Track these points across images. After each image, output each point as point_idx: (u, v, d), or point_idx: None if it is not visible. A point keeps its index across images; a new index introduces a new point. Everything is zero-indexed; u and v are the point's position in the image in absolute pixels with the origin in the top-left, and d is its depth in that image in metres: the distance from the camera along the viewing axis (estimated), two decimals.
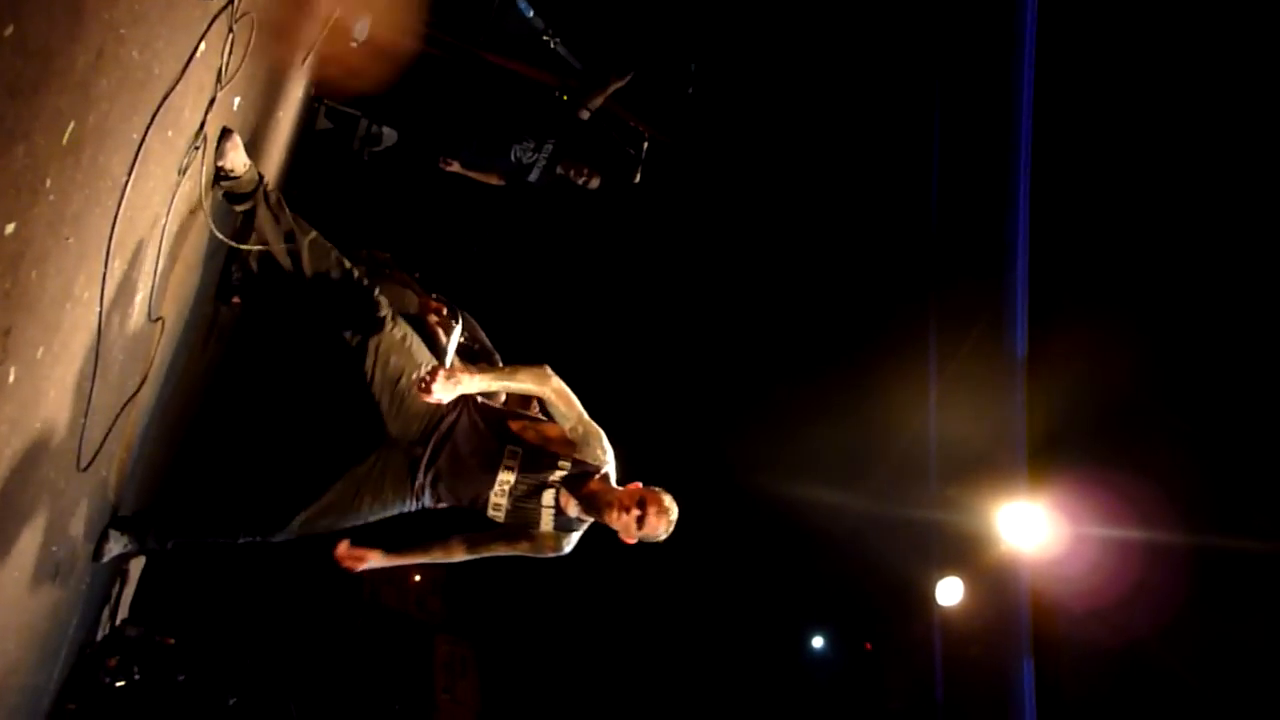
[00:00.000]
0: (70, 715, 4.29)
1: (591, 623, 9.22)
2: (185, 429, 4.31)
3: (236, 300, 4.34)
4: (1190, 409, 5.76)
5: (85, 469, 2.73)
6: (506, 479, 3.20)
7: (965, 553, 7.32)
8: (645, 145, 6.08)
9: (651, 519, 3.15)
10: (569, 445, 3.27)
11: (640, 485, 3.25)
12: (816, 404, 8.17)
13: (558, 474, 3.23)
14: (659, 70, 6.35)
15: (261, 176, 3.25)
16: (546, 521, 3.24)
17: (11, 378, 1.85)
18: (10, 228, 1.56)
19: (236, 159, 3.08)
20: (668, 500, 3.21)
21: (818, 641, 9.52)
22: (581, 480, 3.23)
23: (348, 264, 3.25)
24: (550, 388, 3.21)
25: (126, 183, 2.14)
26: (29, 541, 2.50)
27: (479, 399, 3.36)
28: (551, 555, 3.34)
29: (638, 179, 6.02)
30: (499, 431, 3.28)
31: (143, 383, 3.18)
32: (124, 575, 4.67)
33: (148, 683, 4.90)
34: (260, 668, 6.12)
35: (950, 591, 7.30)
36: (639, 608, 9.31)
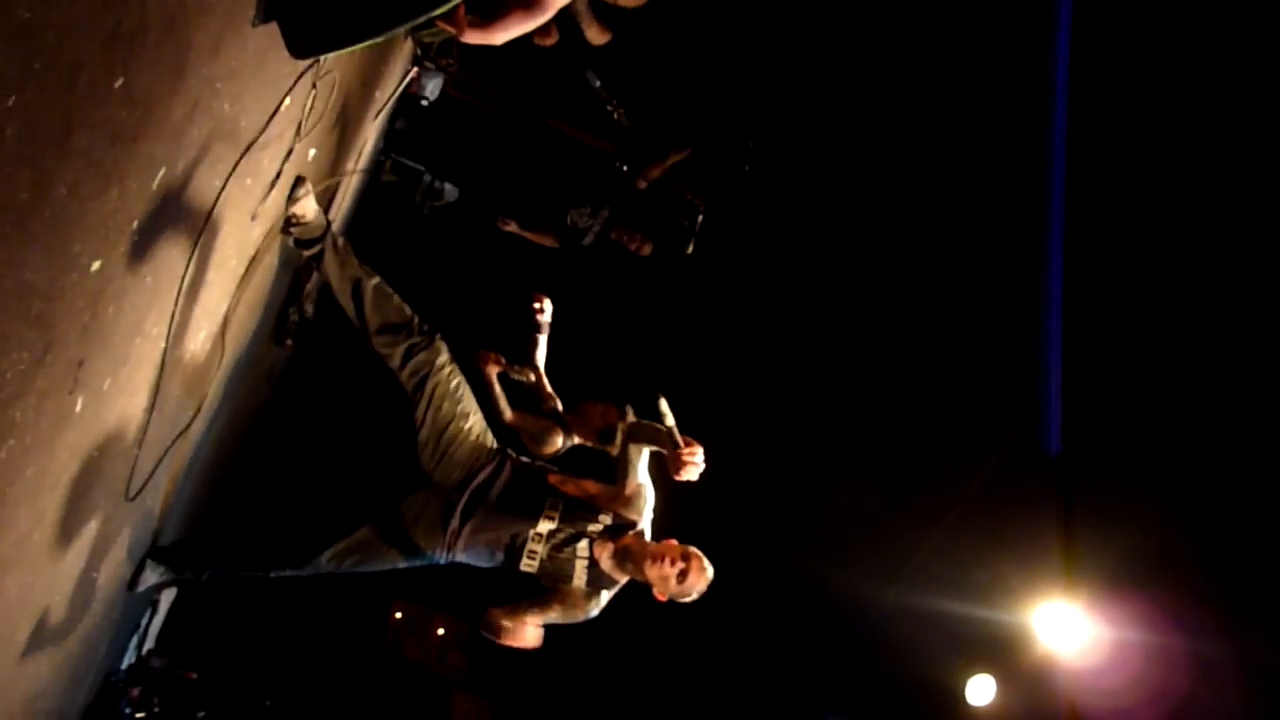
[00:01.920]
0: None
1: (611, 690, 9.08)
2: (229, 464, 4.37)
3: (290, 343, 4.44)
4: (1231, 516, 5.62)
5: (133, 499, 2.79)
6: (547, 526, 3.20)
7: (999, 651, 7.13)
8: (699, 218, 6.16)
9: (693, 575, 3.14)
10: (610, 500, 3.29)
11: (677, 542, 3.24)
12: (858, 492, 8.09)
13: (598, 525, 3.23)
14: (718, 146, 6.45)
15: (329, 223, 3.35)
16: (580, 574, 3.21)
17: (79, 407, 1.91)
18: (96, 265, 1.63)
19: (307, 206, 3.18)
20: (705, 562, 3.20)
21: None
22: (619, 533, 3.23)
23: (408, 310, 3.31)
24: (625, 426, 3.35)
25: (204, 227, 2.22)
26: (72, 566, 2.55)
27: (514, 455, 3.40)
28: (582, 619, 3.31)
29: (690, 250, 6.08)
30: (539, 483, 3.31)
31: (194, 417, 3.25)
32: (155, 605, 4.70)
33: (167, 716, 4.90)
34: (278, 711, 6.09)
35: (982, 690, 7.09)
36: (660, 679, 9.16)
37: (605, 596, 3.31)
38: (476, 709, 8.66)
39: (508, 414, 3.58)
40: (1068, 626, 6.25)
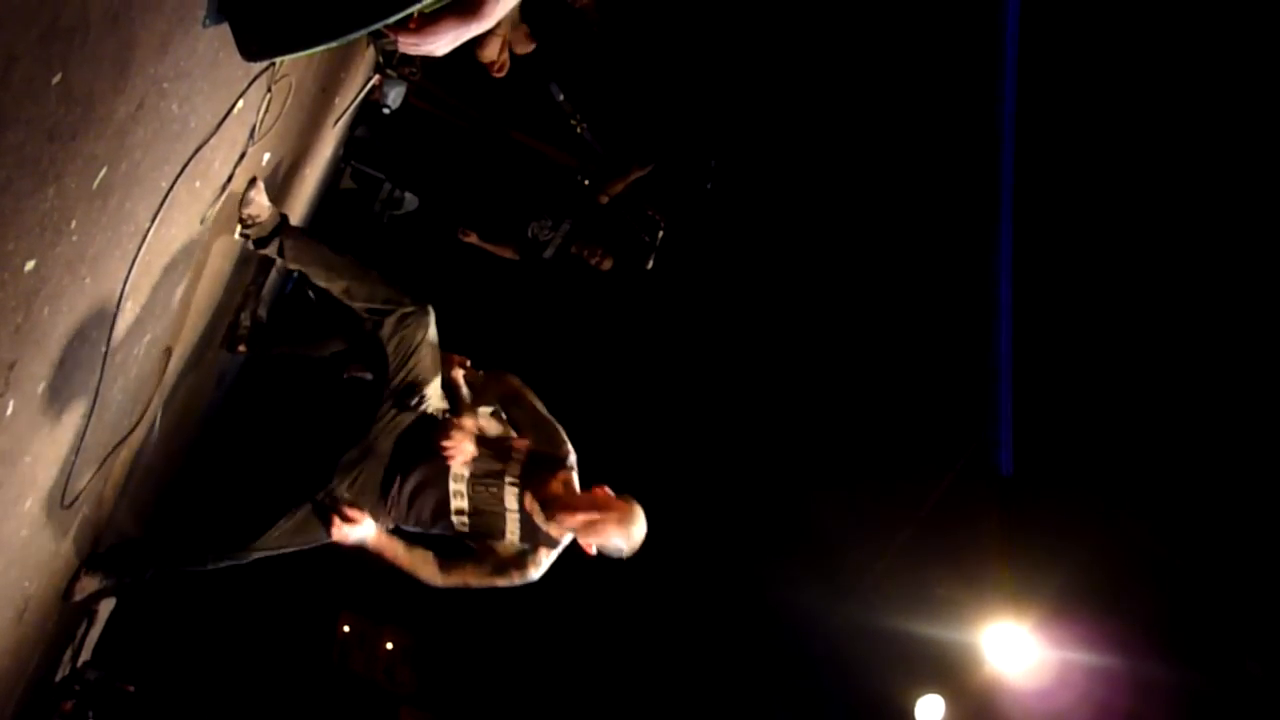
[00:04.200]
0: None
1: (560, 705, 9.00)
2: (175, 470, 4.28)
3: (242, 349, 4.36)
4: (1178, 542, 5.73)
5: (68, 506, 2.71)
6: (461, 471, 3.12)
7: (949, 671, 7.17)
8: (660, 234, 6.17)
9: (622, 524, 3.02)
10: (524, 439, 3.24)
11: (607, 489, 3.13)
12: (810, 508, 8.13)
13: (514, 462, 3.14)
14: (680, 163, 6.48)
15: (284, 216, 3.29)
16: (512, 528, 3.12)
17: (10, 411, 1.86)
18: (30, 264, 1.58)
19: (260, 204, 3.14)
20: (635, 511, 3.07)
21: None
22: (542, 475, 3.12)
23: (391, 282, 3.24)
24: (515, 382, 3.32)
25: (149, 229, 2.17)
26: (3, 577, 2.47)
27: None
28: (520, 582, 3.17)
29: (650, 266, 6.09)
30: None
31: (136, 425, 3.18)
32: (91, 616, 4.57)
33: None
34: None
35: (931, 710, 7.13)
36: (605, 696, 9.10)
37: (546, 558, 3.19)
38: None
39: (467, 417, 3.51)
40: (1016, 647, 6.31)
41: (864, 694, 8.03)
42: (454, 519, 3.15)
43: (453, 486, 3.13)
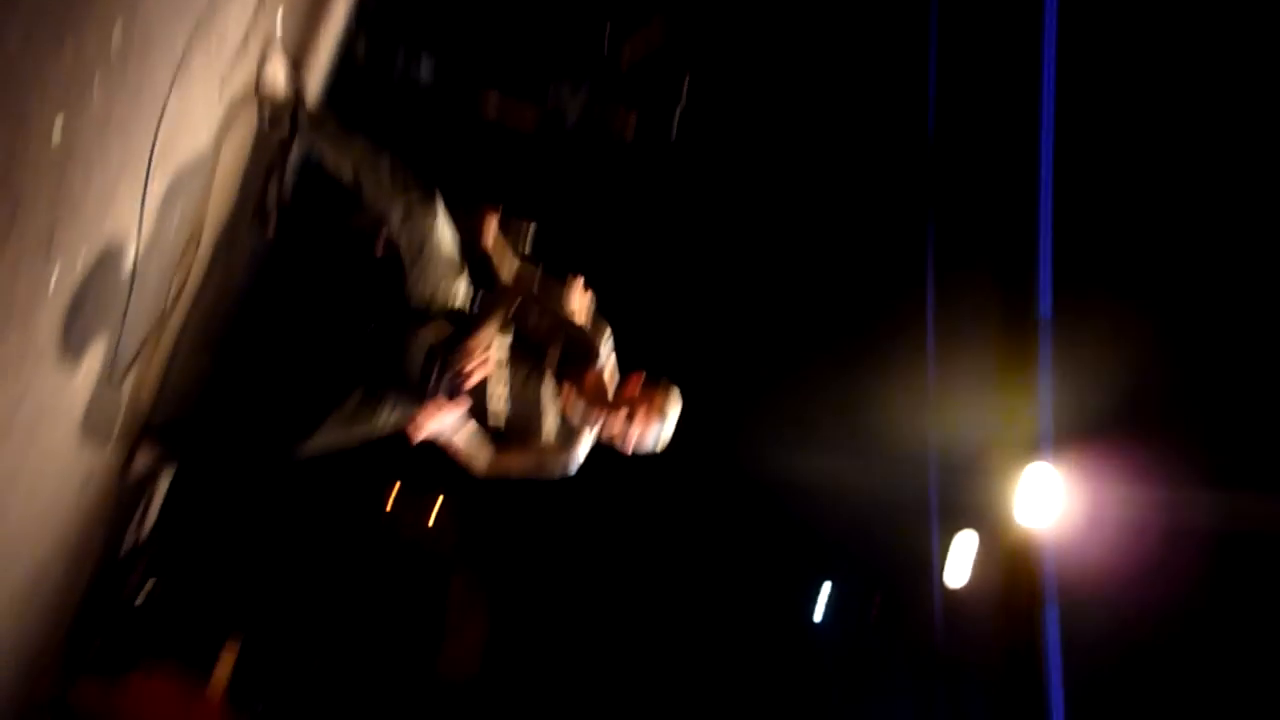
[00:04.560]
0: (96, 621, 4.40)
1: (602, 565, 9.32)
2: (217, 348, 4.35)
3: (272, 227, 4.35)
4: (1216, 385, 5.70)
5: (117, 382, 2.77)
6: (497, 372, 3.09)
7: (981, 511, 7.31)
8: (682, 101, 5.99)
9: (649, 420, 3.01)
10: (560, 330, 3.22)
11: (642, 376, 3.10)
12: (841, 357, 8.16)
13: (551, 356, 3.13)
14: (705, 18, 6.23)
15: (300, 94, 3.23)
16: (549, 425, 3.13)
17: (54, 280, 1.88)
18: (58, 127, 1.57)
19: (277, 78, 3.07)
20: (672, 399, 3.06)
21: (824, 597, 9.57)
22: (580, 368, 3.11)
23: (401, 167, 3.19)
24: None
25: (169, 94, 2.14)
26: (61, 447, 2.55)
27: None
28: (559, 472, 3.20)
29: (674, 133, 5.93)
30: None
31: (177, 299, 3.21)
32: (151, 490, 4.75)
33: (168, 600, 5.01)
34: (274, 592, 6.25)
35: (964, 546, 7.31)
36: (650, 564, 9.40)
37: (580, 451, 3.21)
38: (472, 586, 8.91)
39: (506, 279, 3.44)
40: (1050, 488, 6.40)
41: (899, 538, 8.23)
42: (490, 420, 3.14)
43: (490, 389, 3.10)
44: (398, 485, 8.66)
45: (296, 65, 3.41)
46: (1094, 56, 6.41)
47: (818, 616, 9.23)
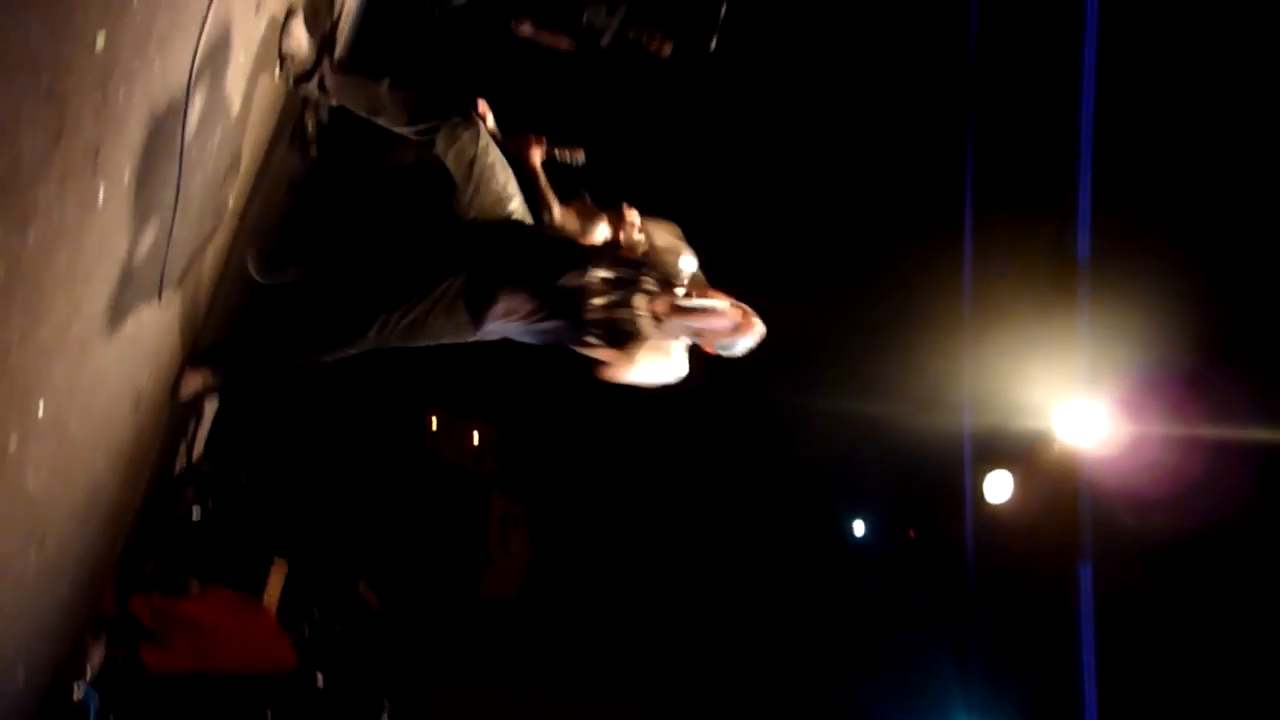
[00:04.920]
0: (151, 539, 4.57)
1: (641, 489, 9.45)
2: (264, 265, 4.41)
3: (314, 152, 4.36)
4: (1259, 311, 5.57)
5: (165, 300, 2.83)
6: (599, 273, 3.11)
7: (1018, 449, 7.27)
8: (722, 12, 5.85)
9: (743, 327, 3.13)
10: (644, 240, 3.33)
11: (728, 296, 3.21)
12: (880, 293, 8.09)
13: (650, 277, 3.18)
14: None
15: (322, 54, 3.22)
16: (646, 327, 3.09)
17: (101, 196, 1.91)
18: (100, 39, 1.58)
19: (298, 37, 3.09)
20: (755, 316, 3.18)
21: (859, 527, 9.65)
22: (669, 276, 3.21)
23: (434, 97, 3.18)
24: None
25: (208, 10, 2.14)
26: (115, 366, 2.62)
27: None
28: (671, 370, 3.17)
29: (713, 47, 5.82)
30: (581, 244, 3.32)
31: (220, 223, 3.26)
32: (200, 414, 4.88)
33: (220, 517, 5.18)
34: (322, 512, 6.42)
35: (998, 486, 7.30)
36: (688, 484, 9.50)
37: (680, 349, 3.20)
38: (514, 510, 9.09)
39: (556, 207, 3.46)
40: (1089, 423, 6.34)
41: (933, 475, 8.24)
42: (587, 316, 3.12)
43: (589, 293, 3.10)
44: (441, 411, 8.82)
45: (318, 16, 3.40)
46: None
47: (858, 533, 9.33)
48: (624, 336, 3.11)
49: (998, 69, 7.46)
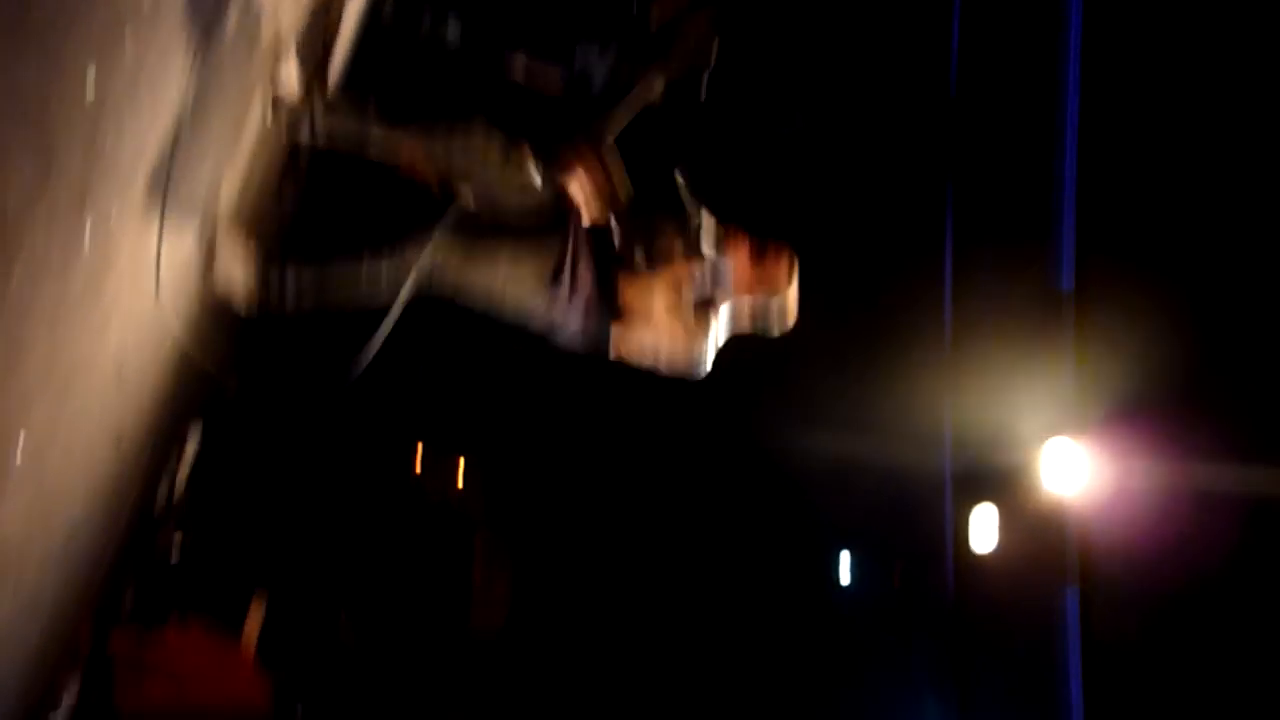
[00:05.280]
0: (129, 576, 4.50)
1: (627, 531, 9.38)
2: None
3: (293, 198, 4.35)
4: (1247, 357, 5.60)
5: (149, 337, 2.80)
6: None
7: (1002, 486, 7.26)
8: (711, 63, 5.91)
9: (789, 298, 3.04)
10: None
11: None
12: (853, 327, 8.12)
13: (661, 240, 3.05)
14: None
15: (314, 98, 3.22)
16: (666, 302, 2.97)
17: (87, 237, 1.89)
18: (91, 73, 1.57)
19: (291, 81, 3.11)
20: (787, 270, 3.08)
21: (844, 566, 9.59)
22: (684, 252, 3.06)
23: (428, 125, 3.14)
24: None
25: (202, 50, 2.14)
26: (97, 405, 2.58)
27: None
28: (690, 364, 3.00)
29: (703, 96, 5.87)
30: None
31: (210, 253, 3.22)
32: (182, 448, 4.83)
33: (198, 551, 5.12)
34: (303, 550, 6.35)
35: (984, 520, 7.28)
36: (674, 529, 9.46)
37: (707, 338, 3.03)
38: (497, 547, 9.01)
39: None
40: (1073, 462, 6.34)
41: (916, 511, 8.22)
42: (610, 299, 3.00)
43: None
44: (425, 447, 8.76)
45: (312, 58, 3.41)
46: (1123, 10, 6.25)
47: (844, 580, 9.27)
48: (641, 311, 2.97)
49: (978, 103, 7.55)
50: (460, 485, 9.17)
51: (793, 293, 3.06)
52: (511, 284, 3.00)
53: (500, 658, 8.67)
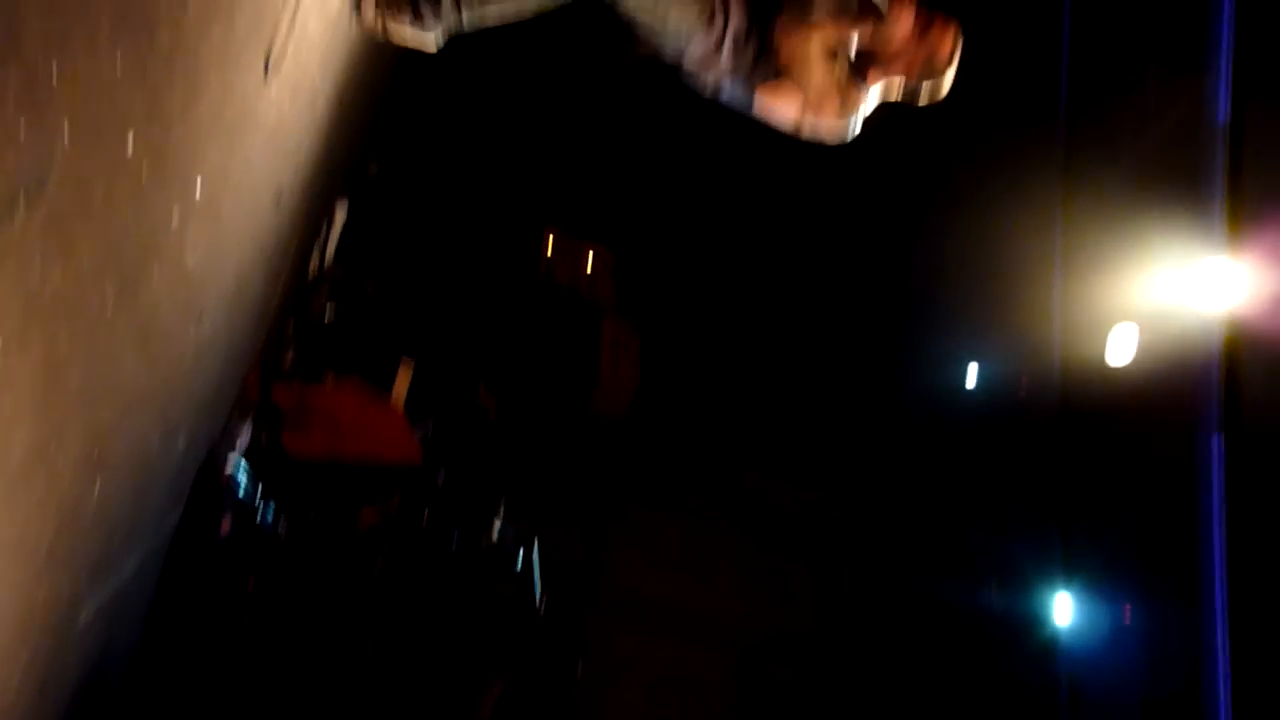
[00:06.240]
0: (289, 334, 4.87)
1: (753, 320, 9.45)
2: None
3: None
4: None
5: (307, 97, 2.90)
6: None
7: (1147, 308, 6.96)
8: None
9: (924, 64, 2.78)
10: None
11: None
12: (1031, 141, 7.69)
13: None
14: None
15: None
16: (820, 69, 2.74)
17: None
18: None
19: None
20: (950, 42, 2.81)
21: (972, 377, 9.51)
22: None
23: None
24: None
25: None
26: (261, 158, 2.73)
27: None
28: (839, 132, 2.83)
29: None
30: None
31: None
32: (330, 218, 5.07)
33: (349, 318, 5.46)
34: (444, 321, 6.68)
35: (1125, 339, 7.04)
36: (803, 326, 9.48)
37: (860, 105, 2.82)
38: (625, 335, 9.26)
39: None
40: (1228, 281, 6.00)
41: (1060, 324, 8.00)
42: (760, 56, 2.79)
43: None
44: (555, 231, 8.90)
45: None
46: None
47: (970, 384, 9.22)
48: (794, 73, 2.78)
49: None
50: (590, 271, 9.35)
51: (950, 72, 2.88)
52: (675, 9, 2.83)
53: (623, 442, 9.08)
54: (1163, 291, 6.66)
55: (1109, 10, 7.13)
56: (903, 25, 2.75)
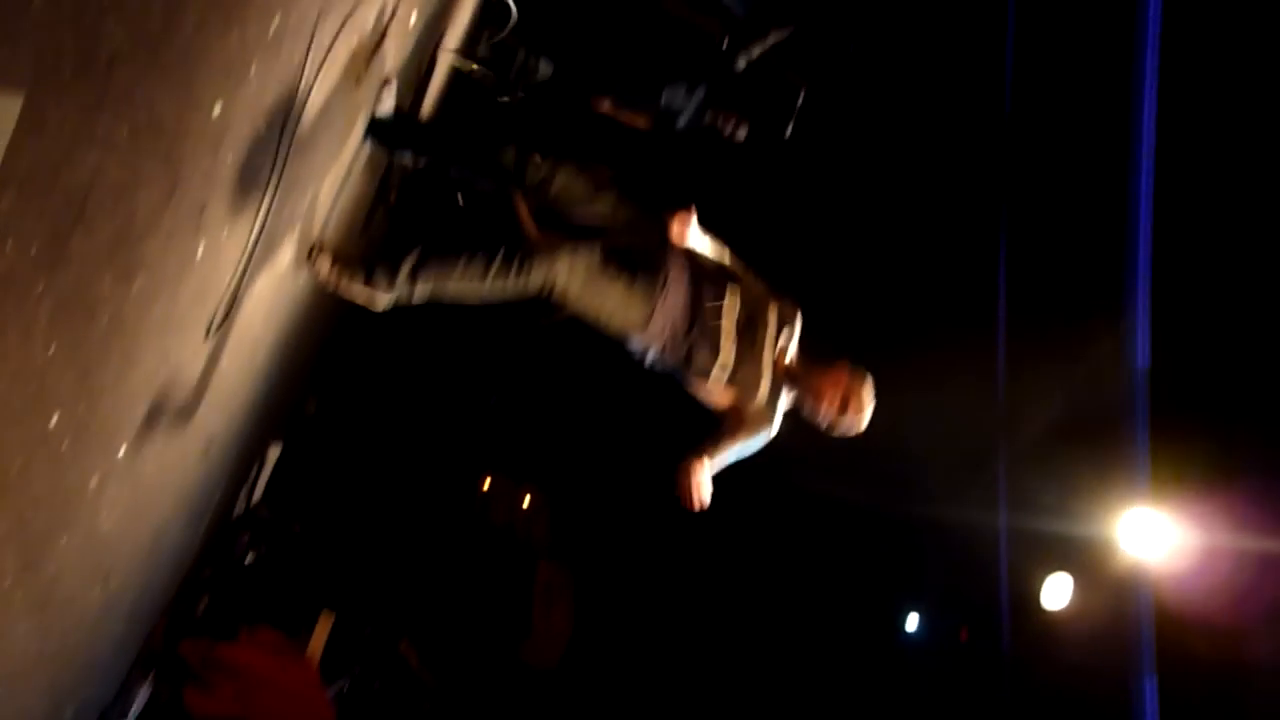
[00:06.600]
0: (205, 580, 4.64)
1: (688, 570, 9.33)
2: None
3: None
4: None
5: (248, 351, 2.93)
6: (733, 300, 2.97)
7: (1080, 555, 7.06)
8: (799, 99, 5.97)
9: (862, 410, 3.00)
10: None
11: (848, 366, 3.05)
12: (947, 399, 8.01)
13: (773, 311, 3.04)
14: (821, 24, 6.20)
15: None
16: (764, 386, 2.97)
17: (200, 253, 2.00)
18: (218, 108, 1.68)
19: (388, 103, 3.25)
20: (868, 390, 3.02)
21: (912, 623, 9.39)
22: (790, 341, 3.07)
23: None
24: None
25: (314, 80, 2.26)
26: (193, 413, 2.70)
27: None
28: (762, 440, 3.01)
29: (788, 134, 5.92)
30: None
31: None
32: (262, 460, 4.98)
33: (271, 562, 5.25)
34: (370, 566, 6.46)
35: (1058, 590, 7.07)
36: (736, 569, 9.37)
37: (779, 411, 3.04)
38: (559, 578, 9.04)
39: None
40: (1153, 532, 6.14)
41: (992, 575, 8.02)
42: (715, 371, 2.98)
43: (720, 332, 2.97)
44: (492, 473, 8.87)
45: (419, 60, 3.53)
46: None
47: (910, 627, 9.08)
48: (744, 390, 3.00)
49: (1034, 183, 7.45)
50: (525, 512, 9.26)
51: (865, 418, 3.05)
52: (619, 313, 3.00)
53: (553, 693, 8.66)
54: (1094, 539, 6.77)
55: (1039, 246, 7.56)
56: (833, 375, 2.98)
